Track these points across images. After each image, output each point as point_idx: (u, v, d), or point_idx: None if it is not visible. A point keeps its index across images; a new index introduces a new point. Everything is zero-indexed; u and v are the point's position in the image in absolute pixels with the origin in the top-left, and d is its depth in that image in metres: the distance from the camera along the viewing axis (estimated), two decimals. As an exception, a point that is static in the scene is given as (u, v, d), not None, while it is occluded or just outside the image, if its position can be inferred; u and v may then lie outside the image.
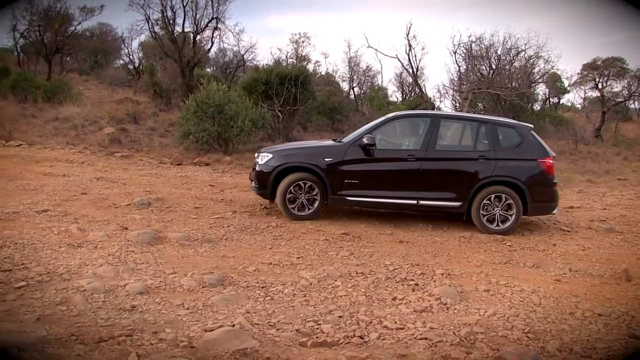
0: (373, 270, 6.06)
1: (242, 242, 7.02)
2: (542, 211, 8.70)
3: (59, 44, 28.78)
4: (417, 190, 8.24)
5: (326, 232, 7.63)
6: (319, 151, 8.52)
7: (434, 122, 8.46)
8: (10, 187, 9.14)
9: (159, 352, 3.76)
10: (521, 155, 8.46)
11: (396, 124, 9.12)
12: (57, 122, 18.76)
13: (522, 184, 8.26)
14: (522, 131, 8.66)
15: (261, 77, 19.85)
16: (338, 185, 8.19)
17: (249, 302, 4.95)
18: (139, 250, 6.21)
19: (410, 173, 8.27)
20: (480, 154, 8.38)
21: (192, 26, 25.41)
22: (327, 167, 8.20)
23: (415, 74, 23.90)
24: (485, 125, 8.61)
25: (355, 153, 8.26)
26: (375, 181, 8.27)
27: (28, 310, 4.38)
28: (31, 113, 20.04)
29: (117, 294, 4.85)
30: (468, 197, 8.24)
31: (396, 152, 8.66)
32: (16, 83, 22.67)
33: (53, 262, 5.59)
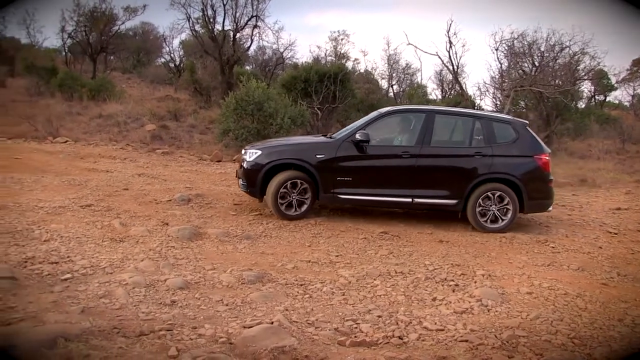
0: (412, 269, 5.99)
1: (281, 239, 7.04)
2: (538, 208, 8.49)
3: (104, 44, 29.39)
4: (412, 187, 8.03)
5: (365, 231, 7.59)
6: (310, 147, 8.23)
7: (428, 118, 8.23)
8: (57, 182, 9.37)
9: (198, 348, 3.79)
10: (517, 152, 8.27)
11: (390, 120, 8.79)
12: (101, 120, 19.15)
13: (519, 181, 8.07)
14: (517, 127, 8.46)
15: (300, 74, 19.86)
16: (330, 183, 7.92)
17: (287, 299, 4.96)
18: (179, 245, 6.28)
19: (405, 170, 8.04)
20: (476, 150, 8.17)
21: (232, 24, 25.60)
22: (319, 164, 7.91)
23: (455, 71, 23.56)
24: (480, 120, 8.40)
25: (348, 149, 7.99)
26: (368, 179, 8.04)
27: (73, 302, 4.48)
28: (77, 111, 20.49)
29: (157, 289, 4.92)
30: (464, 194, 8.03)
31: (390, 148, 8.41)
32: (63, 82, 23.23)
33: (96, 256, 5.71)
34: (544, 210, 8.58)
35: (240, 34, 26.28)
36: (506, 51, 22.31)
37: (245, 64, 32.40)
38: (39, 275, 5.08)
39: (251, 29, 26.03)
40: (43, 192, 8.55)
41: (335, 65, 21.78)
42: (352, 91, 21.08)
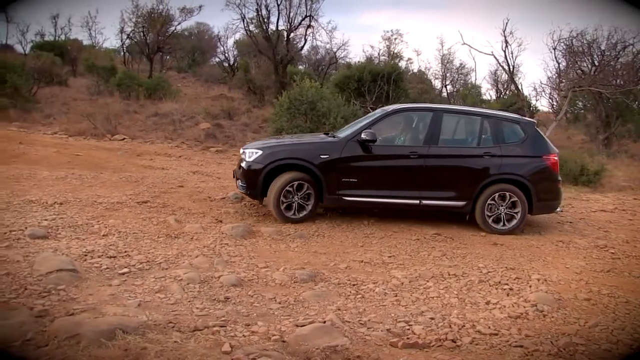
0: (466, 272, 5.89)
1: (334, 238, 7.03)
2: (547, 209, 8.28)
3: (160, 44, 30.12)
4: (419, 189, 7.76)
5: (418, 232, 7.51)
6: (313, 147, 7.85)
7: (436, 117, 7.98)
8: (115, 179, 9.64)
9: (251, 345, 3.82)
10: (526, 152, 8.03)
11: (396, 119, 8.48)
12: (157, 118, 19.58)
13: (528, 182, 7.84)
14: (526, 126, 8.21)
15: (353, 74, 19.86)
16: (335, 185, 7.59)
17: (340, 299, 4.95)
18: (232, 243, 6.37)
19: (413, 171, 7.78)
20: (485, 150, 7.93)
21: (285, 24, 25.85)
22: (323, 165, 7.57)
23: (511, 71, 23.06)
24: (488, 120, 8.16)
25: (353, 149, 7.67)
26: (375, 180, 7.75)
27: (130, 296, 4.60)
28: (134, 109, 21.03)
29: (211, 285, 5.00)
30: (473, 196, 7.79)
31: (397, 148, 8.13)
32: (121, 81, 23.91)
33: (152, 252, 5.84)
34: (552, 211, 8.37)
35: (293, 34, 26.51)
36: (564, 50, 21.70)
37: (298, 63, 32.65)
38: (98, 269, 5.24)
39: (305, 29, 26.25)
40: (102, 188, 8.81)
41: (388, 65, 21.72)
42: (405, 91, 20.94)
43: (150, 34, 29.63)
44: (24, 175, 9.14)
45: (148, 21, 29.24)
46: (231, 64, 34.08)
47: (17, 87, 19.51)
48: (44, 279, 4.74)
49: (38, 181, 8.82)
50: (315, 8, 25.46)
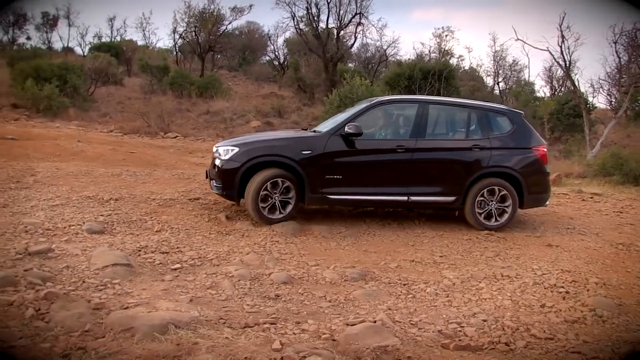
0: (520, 273, 5.74)
1: (384, 237, 6.98)
2: (537, 203, 7.97)
3: (212, 43, 30.56)
4: (407, 185, 7.37)
5: (470, 231, 7.38)
6: (294, 143, 7.35)
7: (422, 108, 7.58)
8: (167, 176, 9.83)
9: (301, 342, 3.82)
10: (515, 144, 7.74)
11: (381, 111, 7.95)
12: (208, 116, 19.92)
13: (519, 175, 7.56)
14: (514, 117, 7.91)
15: (404, 71, 19.76)
16: (318, 183, 7.10)
17: (390, 298, 4.91)
18: (283, 240, 6.39)
19: (400, 166, 7.39)
20: (473, 143, 7.59)
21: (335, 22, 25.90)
22: (305, 162, 7.05)
23: (567, 67, 22.40)
24: (476, 111, 7.84)
25: (337, 145, 7.19)
26: (360, 176, 7.30)
27: (182, 291, 4.68)
28: (186, 107, 21.45)
29: (262, 282, 5.03)
30: (462, 190, 7.45)
31: (383, 142, 7.64)
32: (174, 80, 24.42)
33: (204, 248, 5.93)
34: (542, 204, 8.06)
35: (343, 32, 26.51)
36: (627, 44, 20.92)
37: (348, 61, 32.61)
38: (151, 264, 5.35)
39: (355, 27, 26.24)
40: (155, 184, 9.00)
41: (439, 62, 21.46)
42: (457, 88, 20.71)
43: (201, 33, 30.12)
44: (82, 172, 9.42)
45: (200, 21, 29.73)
46: (281, 63, 34.33)
47: (77, 87, 20.20)
48: (100, 272, 4.88)
49: (95, 178, 9.08)
50: (365, 5, 25.44)
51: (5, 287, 4.26)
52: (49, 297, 4.18)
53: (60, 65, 20.77)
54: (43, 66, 20.07)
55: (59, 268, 4.94)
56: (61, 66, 20.70)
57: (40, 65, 20.13)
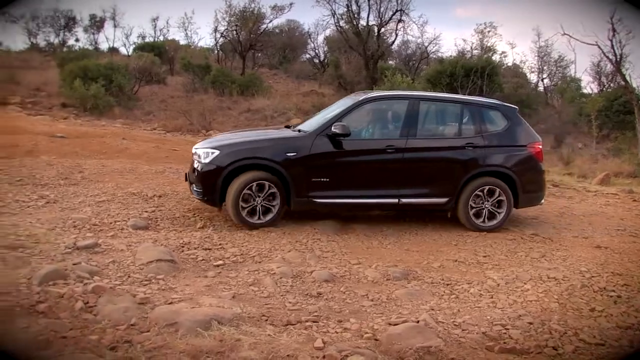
0: (567, 276, 5.58)
1: (426, 236, 6.90)
2: (532, 202, 7.68)
3: (252, 41, 30.76)
4: (397, 186, 7.04)
5: (514, 232, 7.24)
6: (279, 144, 6.97)
7: (412, 105, 7.24)
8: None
9: (343, 341, 3.81)
10: (510, 141, 7.44)
11: (369, 109, 7.59)
12: (249, 114, 20.08)
13: (514, 174, 7.25)
14: (508, 113, 7.58)
15: (446, 69, 19.57)
16: (304, 186, 6.76)
17: (433, 298, 4.85)
18: (325, 238, 6.37)
19: (390, 167, 7.07)
20: (467, 141, 7.27)
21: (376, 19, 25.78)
22: (289, 164, 6.70)
23: (618, 61, 21.73)
24: (468, 107, 7.53)
25: (323, 145, 6.83)
26: (349, 179, 6.95)
27: (225, 288, 4.72)
28: (227, 105, 21.67)
29: (303, 280, 5.03)
30: (455, 191, 7.15)
31: (372, 142, 7.33)
32: (215, 78, 24.69)
33: (246, 245, 5.96)
34: (537, 203, 7.78)
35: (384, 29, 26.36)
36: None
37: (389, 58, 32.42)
38: (194, 260, 5.42)
39: (395, 24, 26.05)
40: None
41: (482, 59, 21.12)
42: (500, 85, 20.36)
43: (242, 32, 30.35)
44: (126, 168, 9.61)
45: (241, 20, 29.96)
46: (321, 60, 34.37)
47: (121, 86, 20.63)
48: (145, 268, 4.96)
49: (139, 175, 9.24)
50: (406, 2, 25.20)
51: (56, 280, 4.39)
52: (97, 291, 4.28)
53: (106, 65, 21.25)
54: (90, 66, 20.56)
55: (106, 262, 5.05)
56: (107, 66, 21.18)
57: (87, 65, 20.62)
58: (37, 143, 11.34)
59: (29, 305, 3.96)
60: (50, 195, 7.35)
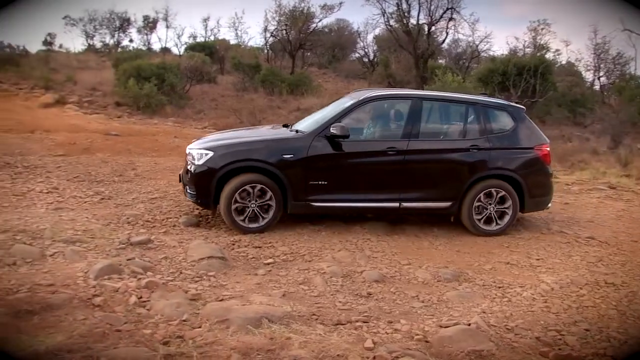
0: (626, 281, 5.39)
1: (478, 238, 6.77)
2: (539, 206, 7.31)
3: (302, 41, 30.86)
4: (398, 190, 6.73)
5: (569, 235, 7.04)
6: (275, 146, 6.67)
7: (415, 105, 6.93)
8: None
9: (393, 342, 3.78)
10: (516, 143, 7.11)
11: (370, 108, 7.28)
12: (299, 112, 20.11)
13: (520, 177, 6.93)
14: (515, 113, 7.23)
15: (498, 67, 19.19)
16: (302, 189, 6.49)
17: (484, 301, 4.76)
18: (375, 238, 6.34)
19: (391, 170, 6.77)
20: (471, 143, 6.95)
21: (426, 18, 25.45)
22: (286, 166, 6.43)
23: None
24: (473, 107, 7.17)
25: (321, 147, 6.55)
26: (348, 182, 6.68)
27: (275, 286, 4.75)
28: (277, 104, 21.79)
29: (353, 280, 5.02)
30: (459, 194, 6.84)
31: (373, 144, 7.02)
32: (265, 77, 24.86)
33: (296, 244, 6.00)
34: (544, 208, 7.39)
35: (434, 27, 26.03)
36: None
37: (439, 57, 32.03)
38: (245, 258, 5.49)
39: (446, 22, 25.66)
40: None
41: (534, 57, 20.63)
42: (554, 84, 19.83)
43: (292, 31, 30.47)
44: (178, 166, 9.76)
45: (290, 19, 30.10)
46: (371, 60, 34.19)
47: (173, 85, 21.01)
48: (196, 264, 5.05)
49: (191, 172, 9.38)
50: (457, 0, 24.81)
51: (111, 275, 4.51)
52: (150, 286, 4.37)
53: (158, 65, 21.66)
54: (143, 66, 20.99)
55: (158, 258, 5.16)
56: (159, 66, 21.58)
57: (141, 65, 21.06)
58: (92, 141, 11.68)
59: (86, 298, 4.08)
60: (105, 192, 7.56)
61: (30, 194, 7.12)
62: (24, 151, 10.13)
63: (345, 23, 37.82)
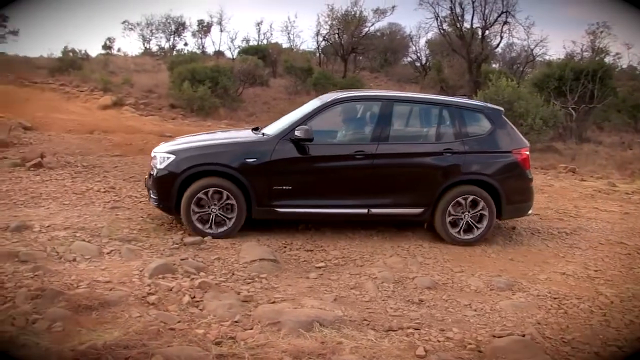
0: (693, 298, 5.15)
1: (532, 246, 6.61)
2: (518, 213, 6.96)
3: (354, 45, 30.89)
4: (367, 196, 6.44)
5: (629, 246, 6.78)
6: (238, 149, 6.43)
7: (385, 107, 6.62)
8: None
9: (445, 351, 3.73)
10: (493, 147, 6.73)
11: (338, 110, 7.00)
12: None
13: (497, 182, 6.54)
14: (492, 116, 6.84)
15: (554, 72, 18.71)
16: (265, 194, 6.24)
17: (539, 312, 4.62)
18: (427, 244, 6.26)
19: (359, 175, 6.45)
20: (445, 146, 6.60)
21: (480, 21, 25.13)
22: (249, 170, 6.19)
23: None
24: (448, 109, 6.81)
25: (286, 151, 6.29)
26: (314, 187, 6.41)
27: (326, 290, 4.76)
28: (328, 107, 21.86)
29: (405, 286, 4.98)
30: (432, 201, 6.48)
31: (340, 147, 6.71)
32: (317, 81, 25.01)
33: (347, 248, 6.00)
34: (524, 214, 7.03)
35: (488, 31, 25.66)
36: None
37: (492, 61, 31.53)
38: (296, 261, 5.52)
39: (500, 26, 25.29)
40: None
41: (593, 61, 20.03)
42: (614, 89, 19.19)
43: (344, 35, 30.54)
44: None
45: (343, 23, 30.17)
46: (423, 64, 33.96)
47: (226, 88, 21.37)
48: (248, 266, 5.11)
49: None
50: (512, 3, 24.38)
51: (165, 274, 4.62)
52: (203, 286, 4.45)
53: (212, 68, 22.06)
54: (198, 69, 21.43)
55: (211, 259, 5.24)
56: (213, 69, 21.98)
57: (195, 68, 21.50)
58: (147, 142, 11.96)
59: (141, 296, 4.18)
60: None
61: (88, 193, 7.36)
62: (83, 151, 10.51)
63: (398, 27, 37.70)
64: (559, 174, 12.27)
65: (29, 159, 9.08)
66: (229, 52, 35.07)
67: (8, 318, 3.56)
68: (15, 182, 7.82)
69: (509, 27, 25.35)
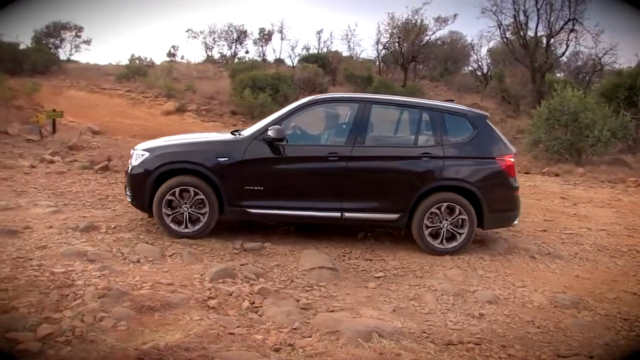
0: None
1: (599, 263, 6.34)
2: (501, 223, 6.66)
3: (414, 53, 30.74)
4: (341, 199, 6.24)
5: None
6: (210, 148, 6.36)
7: (362, 109, 6.41)
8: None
9: (508, 368, 3.63)
10: (475, 152, 6.43)
11: (315, 111, 6.88)
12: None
13: (478, 190, 6.25)
14: (475, 121, 6.56)
15: (624, 81, 18.03)
16: (237, 194, 6.13)
17: (608, 333, 4.42)
18: (488, 258, 6.11)
19: (332, 177, 6.28)
20: (423, 150, 6.35)
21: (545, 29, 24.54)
22: (221, 170, 6.09)
23: None
24: (429, 112, 6.54)
25: (258, 151, 6.18)
26: (285, 188, 6.28)
27: (385, 300, 4.73)
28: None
29: (465, 299, 4.87)
30: (408, 207, 6.20)
31: (313, 149, 6.51)
32: (377, 89, 24.99)
33: (407, 259, 5.93)
34: (508, 224, 6.73)
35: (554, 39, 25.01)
36: None
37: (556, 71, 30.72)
38: (355, 270, 5.51)
39: (567, 34, 24.60)
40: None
41: (668, 71, 19.22)
42: (688, 100, 18.32)
43: (404, 44, 30.44)
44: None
45: (403, 32, 30.09)
46: (484, 73, 33.44)
47: (287, 95, 21.64)
48: (307, 274, 5.14)
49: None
50: (580, 10, 23.67)
51: (225, 279, 4.70)
52: (262, 292, 4.50)
53: (273, 76, 22.41)
54: (259, 77, 21.81)
55: (270, 266, 5.30)
56: (274, 76, 22.33)
57: (256, 76, 21.89)
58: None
59: (202, 299, 4.27)
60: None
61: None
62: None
63: (459, 35, 37.35)
64: (627, 188, 11.78)
65: (97, 162, 9.47)
66: (289, 60, 35.54)
67: (78, 315, 3.71)
68: (84, 184, 8.14)
69: (576, 35, 24.66)
